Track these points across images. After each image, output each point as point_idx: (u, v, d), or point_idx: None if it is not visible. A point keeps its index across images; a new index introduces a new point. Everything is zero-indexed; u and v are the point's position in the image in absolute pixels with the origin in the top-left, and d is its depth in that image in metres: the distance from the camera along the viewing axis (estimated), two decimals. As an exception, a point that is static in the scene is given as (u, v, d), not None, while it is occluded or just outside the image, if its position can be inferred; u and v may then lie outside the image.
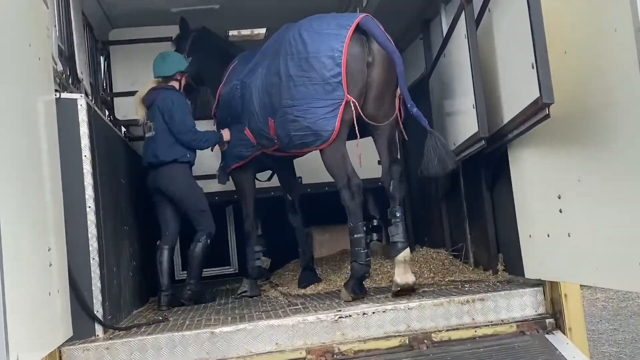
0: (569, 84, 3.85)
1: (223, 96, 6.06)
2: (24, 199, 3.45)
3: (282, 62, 5.08)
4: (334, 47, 4.81)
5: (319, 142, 4.97)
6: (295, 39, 5.04)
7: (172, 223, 6.00)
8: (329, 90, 4.83)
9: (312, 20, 5.15)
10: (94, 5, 6.73)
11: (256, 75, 5.58)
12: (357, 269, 4.98)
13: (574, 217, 4.00)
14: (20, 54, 3.67)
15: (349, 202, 4.99)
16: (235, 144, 6.00)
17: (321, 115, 4.86)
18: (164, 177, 5.87)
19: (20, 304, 3.23)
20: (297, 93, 4.95)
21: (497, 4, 4.58)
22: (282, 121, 5.12)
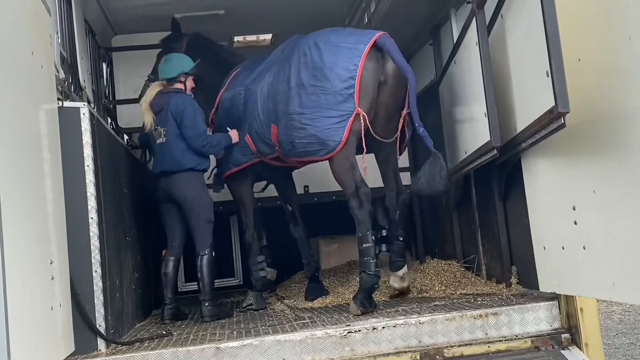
0: (583, 92, 3.75)
1: (224, 102, 5.97)
2: (26, 210, 3.37)
3: (294, 70, 5.13)
4: (350, 60, 4.88)
5: (324, 152, 4.98)
6: (310, 48, 5.10)
7: (179, 233, 5.81)
8: (340, 100, 4.87)
9: (328, 33, 5.22)
10: (96, 12, 6.65)
11: (262, 82, 5.56)
12: (366, 280, 4.92)
13: (589, 230, 3.89)
14: (23, 62, 3.59)
15: (358, 211, 4.97)
16: (232, 149, 5.89)
17: (328, 125, 4.89)
18: (177, 185, 5.65)
19: (22, 319, 3.16)
20: (307, 101, 4.98)
21: (509, 10, 4.47)
22: (287, 128, 5.11)
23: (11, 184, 3.14)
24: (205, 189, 5.80)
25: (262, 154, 5.69)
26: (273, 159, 5.70)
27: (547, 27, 3.76)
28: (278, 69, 5.39)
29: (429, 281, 5.76)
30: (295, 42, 5.41)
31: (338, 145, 4.90)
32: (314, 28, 7.82)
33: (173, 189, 5.67)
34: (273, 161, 5.74)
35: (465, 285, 5.56)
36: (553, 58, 3.72)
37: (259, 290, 5.99)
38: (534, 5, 3.89)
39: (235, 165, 5.90)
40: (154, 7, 6.82)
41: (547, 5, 3.76)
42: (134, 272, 5.69)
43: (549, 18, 3.75)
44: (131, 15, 6.88)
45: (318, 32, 5.33)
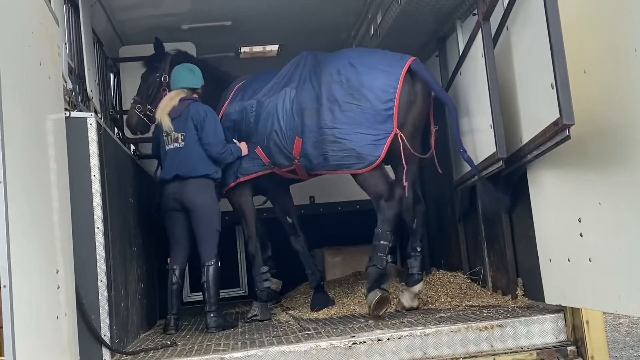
0: (588, 104, 3.75)
1: (231, 115, 5.99)
2: (32, 219, 3.39)
3: (325, 87, 5.38)
4: (389, 84, 5.19)
5: (361, 166, 5.24)
6: (344, 67, 5.38)
7: (185, 243, 5.79)
8: (380, 120, 5.16)
9: (361, 54, 5.55)
10: (104, 23, 6.70)
11: (278, 96, 5.68)
12: (375, 274, 5.15)
13: (594, 242, 3.88)
14: (31, 73, 3.62)
15: (388, 211, 5.23)
16: (241, 160, 5.89)
17: (368, 141, 5.17)
18: (191, 191, 5.61)
19: (28, 328, 3.17)
20: (342, 117, 5.25)
21: (515, 22, 4.49)
22: (319, 141, 5.33)
23: (18, 193, 3.15)
24: (216, 198, 5.79)
25: (277, 166, 5.77)
26: (287, 171, 5.79)
27: (552, 39, 3.76)
28: (301, 84, 5.59)
29: (434, 293, 5.74)
30: (318, 60, 5.68)
31: (377, 160, 5.18)
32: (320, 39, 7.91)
33: (185, 195, 5.63)
34: (287, 173, 5.84)
35: (470, 297, 5.53)
36: (558, 70, 3.73)
37: (263, 301, 5.98)
38: (539, 17, 3.90)
39: (243, 175, 5.92)
40: (161, 19, 6.87)
41: (551, 17, 3.77)
42: (139, 282, 5.69)
43: (554, 30, 3.76)
44: (139, 27, 6.93)
45: (347, 53, 5.68)
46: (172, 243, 5.83)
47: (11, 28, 3.26)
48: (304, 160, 5.50)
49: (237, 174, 5.93)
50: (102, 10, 6.43)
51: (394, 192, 5.26)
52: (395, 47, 6.55)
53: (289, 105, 5.58)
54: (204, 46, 7.39)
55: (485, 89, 4.70)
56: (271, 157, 5.74)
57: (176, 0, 6.55)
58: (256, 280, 6.08)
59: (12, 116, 3.11)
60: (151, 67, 6.42)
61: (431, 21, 6.04)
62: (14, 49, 3.26)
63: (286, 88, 5.67)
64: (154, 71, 6.36)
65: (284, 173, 5.85)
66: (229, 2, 6.67)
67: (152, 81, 6.35)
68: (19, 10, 3.47)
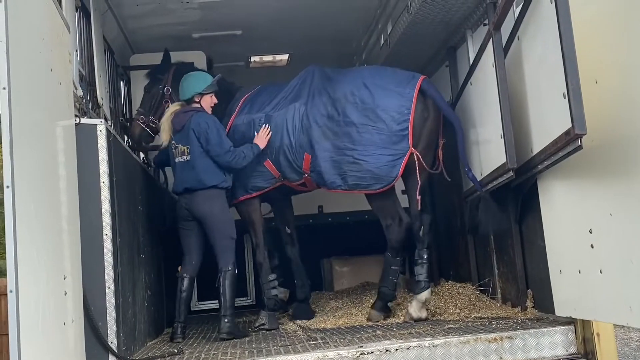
0: (600, 114, 3.72)
1: (239, 127, 5.99)
2: (41, 225, 3.38)
3: (339, 107, 5.53)
4: (403, 104, 5.37)
5: (378, 186, 5.42)
6: (358, 89, 5.52)
7: (197, 252, 5.79)
8: (395, 141, 5.34)
9: (372, 74, 5.65)
10: (115, 31, 6.73)
11: (287, 110, 5.77)
12: (387, 294, 5.64)
13: (605, 253, 3.84)
14: (42, 79, 3.63)
15: (396, 238, 5.58)
16: (249, 174, 5.92)
17: (385, 162, 5.35)
18: (201, 203, 5.62)
19: (34, 333, 3.15)
20: (359, 138, 5.41)
21: (526, 31, 4.47)
22: (337, 162, 5.50)
23: (26, 197, 3.16)
24: (227, 207, 5.80)
25: (287, 179, 5.86)
26: (298, 184, 5.91)
27: (563, 48, 3.74)
28: (310, 100, 5.69)
29: (443, 304, 5.70)
30: (328, 76, 5.81)
31: (393, 180, 5.39)
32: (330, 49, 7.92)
33: (196, 207, 5.64)
34: (297, 186, 5.96)
35: (480, 309, 5.49)
36: (570, 79, 3.70)
37: (271, 310, 5.96)
38: (550, 27, 3.88)
39: (255, 191, 5.98)
40: (171, 27, 6.90)
41: (563, 26, 3.75)
42: (146, 290, 5.68)
43: (566, 39, 3.74)
44: (149, 35, 6.96)
45: (359, 72, 5.79)
46: (184, 252, 5.83)
47: (22, 33, 3.27)
48: (315, 175, 5.65)
49: (248, 190, 5.96)
50: (113, 18, 6.47)
51: (402, 219, 5.58)
52: (406, 57, 6.58)
53: (298, 122, 5.68)
54: (214, 55, 7.43)
55: (496, 98, 4.68)
56: (281, 171, 5.83)
57: (187, 10, 6.56)
58: (263, 288, 6.08)
59: (21, 121, 3.11)
60: (154, 78, 6.45)
61: (441, 31, 6.03)
62: (25, 54, 3.27)
63: (295, 103, 5.76)
64: (157, 83, 6.38)
65: (295, 185, 5.97)
66: (239, 11, 6.69)
67: (155, 93, 6.36)
68: (31, 16, 3.49)
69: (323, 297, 7.35)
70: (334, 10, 6.84)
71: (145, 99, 6.44)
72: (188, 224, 5.74)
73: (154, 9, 6.47)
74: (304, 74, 5.97)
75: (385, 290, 5.63)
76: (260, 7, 6.63)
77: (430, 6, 5.47)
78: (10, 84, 2.99)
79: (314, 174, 5.64)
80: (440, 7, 5.51)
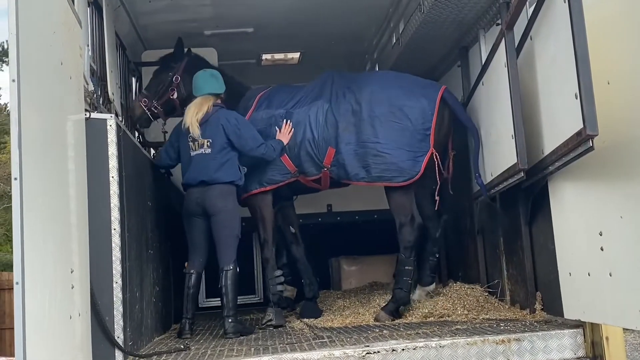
0: (612, 115, 3.68)
1: (258, 122, 6.02)
2: (49, 218, 3.38)
3: (366, 105, 5.73)
4: (428, 106, 5.63)
5: (402, 179, 5.59)
6: (384, 88, 5.76)
7: (204, 249, 5.77)
8: (418, 139, 5.57)
9: (397, 77, 5.95)
10: (127, 27, 6.75)
11: (310, 108, 5.92)
12: (401, 296, 5.67)
13: (616, 256, 3.80)
14: (52, 72, 3.63)
15: (409, 238, 5.70)
16: (264, 169, 5.94)
17: (408, 157, 5.55)
18: (214, 196, 5.61)
19: (40, 326, 3.15)
20: (383, 133, 5.61)
21: (539, 31, 4.43)
22: (360, 154, 5.67)
23: (36, 192, 3.16)
24: (237, 204, 5.80)
25: (304, 174, 5.95)
26: (312, 180, 5.99)
27: (576, 48, 3.71)
28: (334, 98, 5.88)
29: (451, 305, 5.66)
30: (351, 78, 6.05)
31: (416, 175, 5.56)
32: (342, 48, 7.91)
33: (210, 201, 5.62)
34: (310, 182, 6.05)
35: (488, 310, 5.45)
36: (582, 79, 3.67)
37: (276, 304, 5.95)
38: (563, 26, 3.85)
39: (269, 184, 6.02)
40: (183, 24, 6.90)
41: (576, 26, 3.71)
42: (154, 286, 5.68)
43: (579, 39, 3.70)
44: (161, 31, 6.97)
45: (383, 75, 6.14)
46: (190, 248, 5.81)
47: (33, 26, 3.27)
48: (337, 169, 5.80)
49: (263, 183, 6.00)
50: (125, 14, 6.48)
51: (415, 218, 5.73)
52: (417, 57, 6.56)
53: (322, 117, 5.85)
54: (225, 52, 7.42)
55: (508, 99, 4.65)
56: (300, 165, 5.91)
57: (199, 6, 6.58)
58: (269, 284, 6.08)
59: (30, 113, 3.11)
60: (166, 65, 6.46)
61: (454, 31, 6.00)
62: (35, 47, 3.27)
63: (317, 101, 5.93)
64: (168, 70, 6.39)
65: (308, 182, 6.03)
66: (251, 9, 6.69)
67: (164, 79, 6.38)
68: (42, 9, 3.49)
69: (331, 296, 7.33)
70: (346, 9, 6.82)
71: (152, 83, 6.46)
72: (196, 220, 5.72)
73: (166, 5, 6.49)
74: (324, 77, 6.16)
75: (400, 293, 5.67)
76: (272, 5, 6.63)
77: (442, 5, 5.44)
78: (20, 76, 3.00)
79: (336, 167, 5.79)
80: (452, 7, 5.48)
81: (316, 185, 6.13)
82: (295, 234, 6.55)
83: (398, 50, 6.62)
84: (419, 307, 5.74)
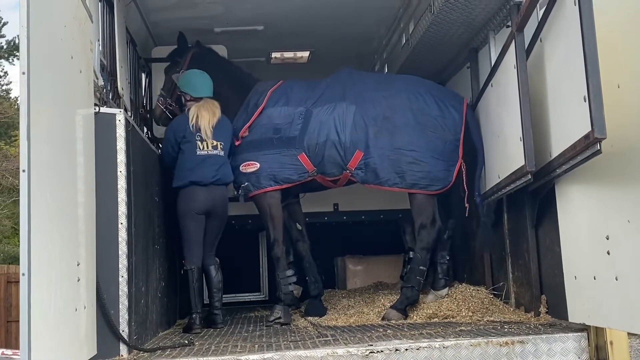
0: (621, 119, 3.66)
1: (272, 118, 6.03)
2: (56, 211, 3.41)
3: (399, 110, 5.81)
4: (458, 119, 5.80)
5: (436, 188, 5.72)
6: (416, 96, 5.86)
7: (201, 245, 5.92)
8: (450, 149, 5.74)
9: (426, 84, 6.06)
10: (138, 23, 6.77)
11: (334, 108, 5.91)
12: (411, 295, 5.70)
13: (622, 260, 3.78)
14: (62, 66, 3.65)
15: (428, 239, 5.77)
16: (280, 167, 5.94)
17: (442, 166, 5.70)
18: (220, 196, 5.89)
19: (45, 318, 3.18)
20: (418, 141, 5.71)
21: (549, 33, 4.42)
22: (395, 160, 5.71)
23: (44, 184, 3.18)
24: None
25: (323, 174, 5.94)
26: (330, 180, 6.03)
27: (585, 50, 3.69)
28: (361, 101, 5.88)
29: (455, 306, 5.66)
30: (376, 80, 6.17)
31: (449, 184, 5.72)
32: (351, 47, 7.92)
33: (217, 200, 5.86)
34: (327, 182, 6.07)
35: (492, 312, 5.44)
36: (591, 82, 3.65)
37: (286, 304, 5.97)
38: (573, 29, 3.84)
39: (286, 183, 6.01)
40: (194, 21, 6.93)
41: (586, 29, 3.70)
42: (160, 281, 5.71)
43: (588, 41, 3.69)
44: (172, 28, 6.98)
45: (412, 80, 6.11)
46: (188, 244, 5.86)
47: (44, 19, 3.30)
48: (364, 173, 5.80)
49: (279, 181, 5.98)
50: (136, 10, 6.51)
51: (436, 221, 5.82)
52: (427, 58, 6.55)
53: (350, 120, 5.84)
54: (235, 50, 7.43)
55: (517, 101, 4.64)
56: (320, 166, 5.90)
57: (210, 4, 6.59)
58: (280, 283, 6.07)
59: (39, 106, 3.13)
60: (173, 61, 6.54)
61: (464, 32, 5.99)
62: (45, 40, 3.29)
63: (342, 103, 5.91)
64: (175, 65, 6.47)
65: (324, 181, 6.04)
66: (261, 7, 6.70)
67: (172, 75, 6.45)
68: (52, 3, 3.52)
69: (335, 295, 7.34)
70: (356, 9, 6.83)
71: (166, 80, 6.59)
72: (199, 217, 5.84)
73: (177, 1, 6.51)
74: (343, 75, 6.17)
75: (411, 291, 5.69)
76: (282, 3, 6.64)
77: (452, 6, 5.43)
78: (30, 69, 3.02)
79: (362, 171, 5.80)
80: (463, 8, 5.46)
81: (331, 184, 6.14)
82: (302, 231, 6.55)
83: (407, 50, 6.62)
84: (424, 308, 5.74)
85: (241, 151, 6.05)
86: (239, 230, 7.61)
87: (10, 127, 27.52)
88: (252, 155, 5.98)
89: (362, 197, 7.32)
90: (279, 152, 5.93)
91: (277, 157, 5.93)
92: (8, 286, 13.18)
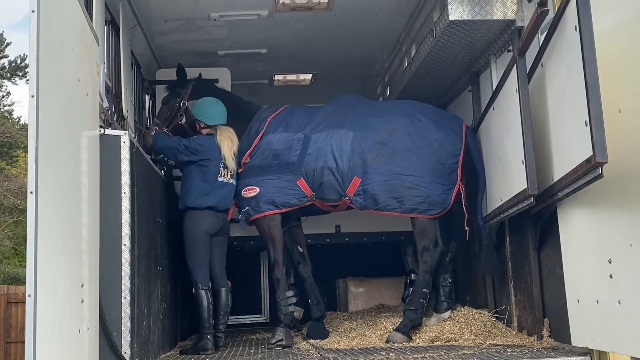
0: (622, 143, 3.70)
1: (271, 144, 6.09)
2: (61, 232, 3.42)
3: (396, 135, 5.82)
4: (457, 142, 5.81)
5: (434, 212, 5.70)
6: (414, 120, 5.89)
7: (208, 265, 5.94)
8: (449, 172, 5.73)
9: (423, 108, 6.05)
10: (143, 46, 6.84)
11: (332, 135, 5.94)
12: (415, 318, 5.68)
13: (625, 284, 3.79)
14: (69, 88, 3.69)
15: (431, 262, 5.76)
16: (278, 191, 5.98)
17: (441, 190, 5.69)
18: (226, 221, 6.04)
19: (50, 339, 3.17)
20: (418, 165, 5.70)
21: (550, 58, 4.47)
22: (393, 185, 5.71)
23: (49, 205, 3.20)
24: None
25: (322, 199, 5.97)
26: (330, 205, 6.05)
27: (587, 75, 3.74)
28: (359, 127, 5.91)
29: (458, 329, 5.64)
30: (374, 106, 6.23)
31: (447, 207, 5.71)
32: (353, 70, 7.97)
33: (225, 223, 6.01)
34: (328, 206, 6.10)
35: (495, 336, 5.42)
36: (592, 106, 3.69)
37: (287, 326, 5.95)
38: (574, 54, 3.88)
39: (285, 207, 6.04)
40: (198, 44, 7.00)
41: (587, 55, 3.75)
42: (162, 302, 5.70)
43: (590, 67, 3.73)
44: (176, 50, 7.07)
45: (409, 104, 6.13)
46: (200, 265, 5.87)
47: (53, 43, 3.34)
48: (362, 199, 5.80)
49: (278, 205, 6.01)
50: (141, 33, 6.58)
51: (438, 244, 5.79)
52: (429, 81, 6.61)
53: (347, 147, 5.85)
54: (238, 72, 7.50)
55: (518, 124, 4.67)
56: (319, 191, 5.92)
57: (213, 27, 6.67)
58: (281, 304, 6.06)
59: (47, 129, 3.16)
60: (173, 91, 6.58)
61: (465, 56, 6.05)
62: (53, 63, 3.33)
63: (340, 130, 5.94)
64: (175, 96, 6.50)
65: (324, 205, 6.07)
66: (265, 30, 6.77)
67: (172, 105, 6.47)
68: (61, 27, 3.56)
69: (337, 318, 7.31)
70: (359, 32, 6.90)
71: (162, 110, 6.59)
72: (208, 238, 5.90)
73: (181, 25, 6.59)
74: (342, 101, 6.22)
75: (415, 314, 5.67)
76: (286, 27, 6.71)
77: (454, 31, 5.49)
78: (39, 92, 3.05)
79: (360, 197, 5.80)
80: (464, 33, 5.52)
81: (332, 209, 6.15)
82: (303, 254, 6.55)
83: (409, 74, 6.67)
84: (426, 331, 5.71)
85: (243, 177, 6.11)
86: (240, 252, 7.61)
87: (13, 146, 27.55)
88: (253, 180, 6.04)
89: (364, 219, 7.32)
90: (278, 177, 5.98)
91: (277, 182, 5.97)
92: (8, 307, 13.13)
